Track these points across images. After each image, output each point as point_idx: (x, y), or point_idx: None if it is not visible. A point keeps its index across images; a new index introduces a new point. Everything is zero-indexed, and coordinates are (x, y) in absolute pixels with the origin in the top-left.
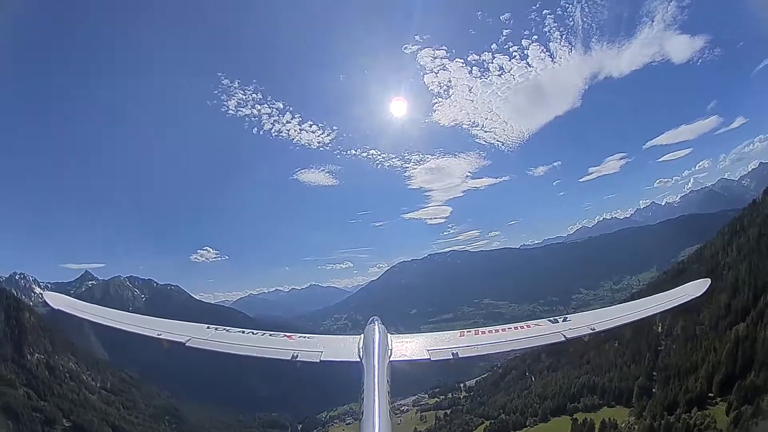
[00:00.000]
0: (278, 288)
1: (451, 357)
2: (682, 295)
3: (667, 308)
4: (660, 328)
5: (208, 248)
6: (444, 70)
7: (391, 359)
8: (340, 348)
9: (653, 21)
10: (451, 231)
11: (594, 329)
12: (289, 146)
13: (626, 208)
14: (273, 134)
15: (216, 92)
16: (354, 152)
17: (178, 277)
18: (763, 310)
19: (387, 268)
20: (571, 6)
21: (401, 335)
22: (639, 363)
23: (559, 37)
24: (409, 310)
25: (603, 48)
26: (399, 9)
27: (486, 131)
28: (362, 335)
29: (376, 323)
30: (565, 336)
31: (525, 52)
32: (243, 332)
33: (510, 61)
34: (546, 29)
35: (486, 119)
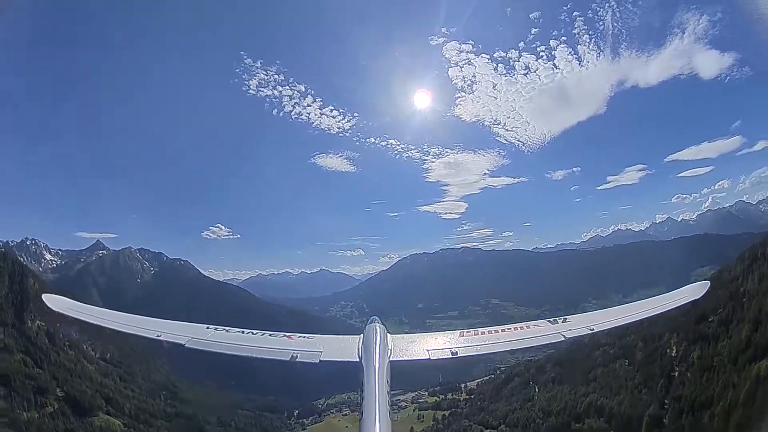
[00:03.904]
0: (288, 270)
1: (451, 356)
2: (681, 297)
3: (665, 310)
4: (674, 352)
5: (220, 225)
6: (469, 64)
7: (390, 359)
8: (340, 348)
9: (684, 33)
10: (465, 227)
11: (593, 329)
12: (308, 129)
13: (642, 221)
14: (293, 117)
15: (238, 71)
16: (373, 140)
17: (189, 252)
18: None
19: (398, 259)
20: (602, 9)
21: (401, 335)
22: (651, 388)
23: (588, 40)
24: (415, 304)
25: (632, 55)
26: (427, 0)
27: (507, 130)
28: (362, 335)
29: (376, 323)
30: (564, 336)
31: (552, 53)
32: (242, 332)
33: (537, 60)
34: (575, 31)
35: (508, 118)
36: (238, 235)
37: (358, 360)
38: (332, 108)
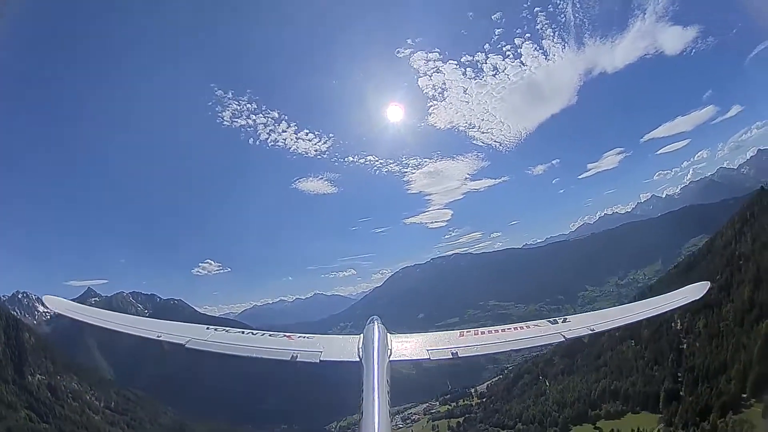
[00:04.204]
0: (282, 298)
1: (451, 357)
2: (682, 298)
3: (665, 310)
4: (679, 325)
5: (210, 261)
6: (438, 72)
7: (391, 359)
8: (340, 348)
9: (645, 14)
10: (453, 234)
11: (593, 330)
12: (286, 155)
13: (627, 203)
14: (269, 144)
15: (210, 104)
16: (352, 159)
17: (182, 291)
18: None
19: (390, 273)
20: (562, 3)
21: (401, 335)
22: (662, 364)
23: (551, 34)
24: (415, 315)
25: (596, 43)
26: (391, 13)
27: (483, 132)
28: (362, 335)
29: (376, 323)
30: (564, 336)
31: (518, 50)
32: (242, 332)
33: (504, 60)
34: (538, 27)
35: (482, 120)
36: (229, 269)
37: (358, 360)
38: (308, 131)
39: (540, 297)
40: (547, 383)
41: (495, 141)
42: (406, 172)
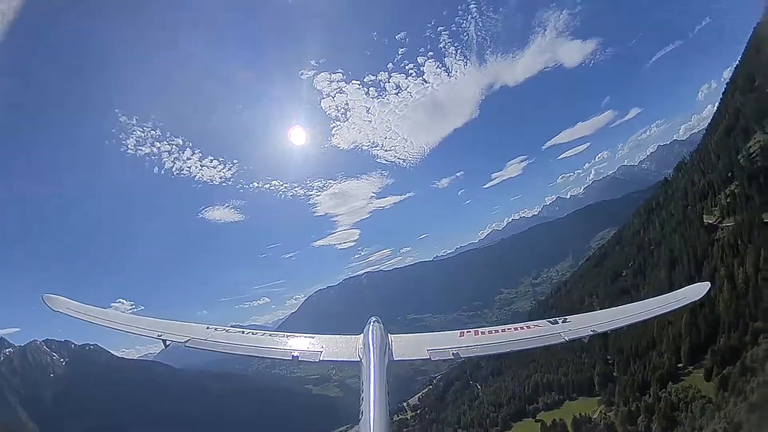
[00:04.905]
0: None
1: (452, 357)
2: (682, 298)
3: (667, 311)
4: None
5: (122, 300)
6: (341, 93)
7: (390, 359)
8: (340, 348)
9: (545, 30)
10: (363, 253)
11: (595, 331)
12: (191, 184)
13: (533, 207)
14: (174, 173)
15: (114, 130)
16: (257, 185)
17: (96, 334)
18: (712, 275)
19: (304, 298)
20: (465, 22)
21: (401, 335)
22: (589, 352)
23: (454, 52)
24: None
25: (497, 59)
26: (296, 35)
27: (386, 150)
28: (362, 335)
29: (376, 323)
30: (565, 338)
31: (421, 69)
32: (243, 332)
33: (407, 79)
34: (441, 45)
35: (385, 138)
36: (142, 307)
37: (358, 360)
38: (212, 158)
39: (457, 305)
40: (479, 386)
41: (399, 158)
42: (311, 194)
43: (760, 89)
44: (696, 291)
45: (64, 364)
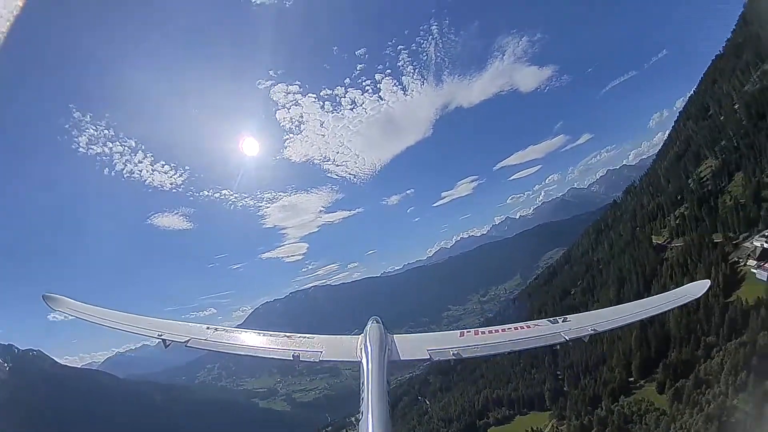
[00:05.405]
0: (145, 343)
1: (452, 357)
2: (684, 296)
3: (668, 308)
4: None
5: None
6: (296, 105)
7: (391, 359)
8: (340, 348)
9: (504, 55)
10: (310, 267)
11: (595, 330)
12: (141, 188)
13: (482, 226)
14: (125, 175)
15: (67, 126)
16: (207, 193)
17: (40, 339)
18: (660, 293)
19: (251, 310)
20: (426, 42)
21: (402, 335)
22: (539, 368)
23: (412, 71)
24: None
25: (454, 80)
26: (255, 43)
27: (337, 165)
28: (362, 335)
29: (376, 323)
30: (565, 337)
31: (378, 86)
32: (243, 332)
33: (363, 95)
34: (400, 64)
35: (337, 153)
36: None
37: (358, 360)
38: (164, 163)
39: (404, 321)
40: (428, 402)
41: (350, 173)
42: (261, 206)
43: (714, 117)
44: (696, 289)
45: (7, 369)
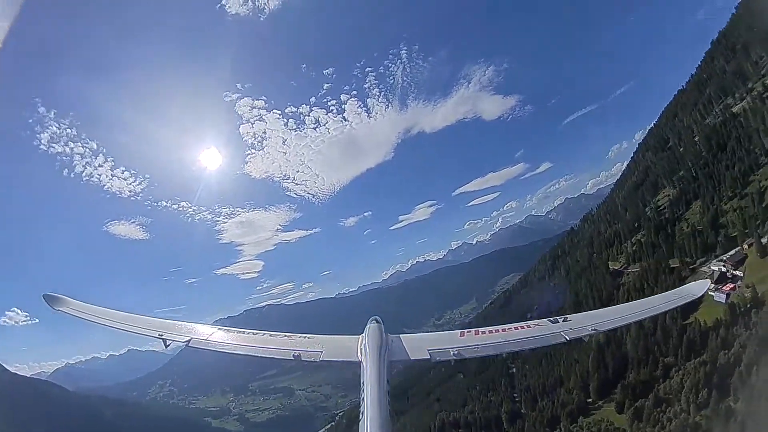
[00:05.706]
0: (95, 355)
1: (453, 357)
2: (684, 295)
3: (668, 308)
4: (504, 354)
5: (16, 310)
6: (260, 120)
7: (391, 359)
8: (341, 348)
9: (470, 83)
10: (265, 285)
11: (596, 330)
12: (100, 193)
13: (438, 250)
14: (84, 178)
15: (31, 121)
16: (165, 204)
17: None
18: None
19: None
20: (393, 65)
21: (401, 335)
22: (495, 390)
23: (378, 93)
24: (234, 369)
25: (419, 105)
26: (226, 54)
27: (297, 184)
28: (362, 335)
29: (376, 323)
30: (566, 337)
31: (342, 106)
32: (244, 332)
33: (327, 114)
34: (366, 86)
35: (297, 172)
36: (37, 320)
37: (358, 360)
38: (124, 169)
39: None
40: None
41: (309, 193)
42: (218, 220)
43: (673, 149)
44: (696, 288)
45: None
